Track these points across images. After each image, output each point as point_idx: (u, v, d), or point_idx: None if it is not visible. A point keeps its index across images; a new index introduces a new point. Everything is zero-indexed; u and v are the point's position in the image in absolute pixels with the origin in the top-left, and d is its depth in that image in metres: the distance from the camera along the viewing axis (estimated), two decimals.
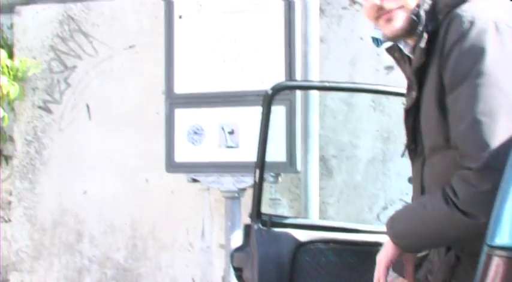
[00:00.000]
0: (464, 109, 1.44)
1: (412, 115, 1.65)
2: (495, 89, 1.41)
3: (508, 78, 1.41)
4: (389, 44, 1.72)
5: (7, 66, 3.61)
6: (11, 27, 3.95)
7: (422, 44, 1.55)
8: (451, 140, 1.48)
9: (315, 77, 3.00)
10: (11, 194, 3.92)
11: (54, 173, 3.80)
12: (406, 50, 1.67)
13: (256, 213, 2.19)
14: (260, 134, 2.22)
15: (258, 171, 2.21)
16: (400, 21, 1.60)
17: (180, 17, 3.14)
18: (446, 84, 1.49)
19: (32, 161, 3.84)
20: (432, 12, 1.56)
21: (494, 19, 1.45)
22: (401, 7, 1.59)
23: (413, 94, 1.62)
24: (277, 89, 2.24)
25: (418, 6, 1.57)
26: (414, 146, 1.66)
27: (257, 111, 2.33)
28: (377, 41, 1.73)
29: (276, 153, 2.83)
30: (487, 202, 1.33)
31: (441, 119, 1.51)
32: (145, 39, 3.61)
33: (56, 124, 3.81)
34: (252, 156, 2.24)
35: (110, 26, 3.71)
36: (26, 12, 3.84)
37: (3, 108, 3.65)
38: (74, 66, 3.76)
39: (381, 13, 1.62)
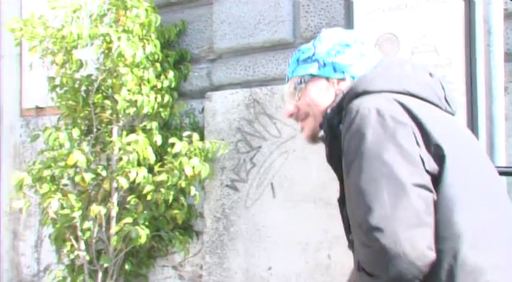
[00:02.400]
0: (353, 183, 1.61)
1: (343, 203, 1.83)
2: (376, 161, 1.58)
3: (388, 151, 1.58)
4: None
5: (199, 148, 3.84)
6: (202, 111, 4.24)
7: (326, 141, 1.84)
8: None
9: None
10: (201, 268, 4.12)
11: (240, 249, 3.94)
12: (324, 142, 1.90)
13: None
14: None
15: None
16: (308, 129, 1.96)
17: None
18: (344, 168, 1.69)
19: (220, 237, 4.02)
20: (338, 108, 1.80)
21: (376, 105, 1.65)
22: (307, 116, 1.94)
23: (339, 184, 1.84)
24: None
25: (327, 107, 1.86)
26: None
27: None
28: None
29: None
30: (382, 260, 1.48)
31: None
32: None
33: (242, 202, 3.97)
34: None
35: None
36: (216, 97, 4.08)
37: (195, 187, 3.88)
38: (259, 147, 3.91)
39: (296, 120, 1.98)
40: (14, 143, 4.97)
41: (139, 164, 3.88)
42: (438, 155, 1.61)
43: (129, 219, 3.85)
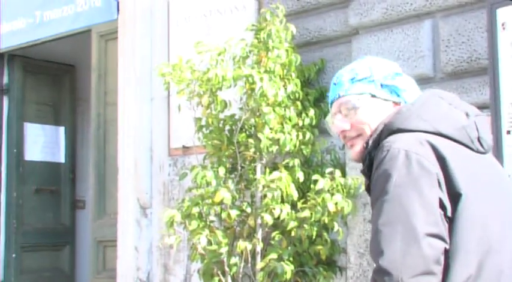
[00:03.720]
0: (373, 221, 1.72)
1: None
2: (396, 205, 1.67)
3: (408, 197, 1.66)
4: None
5: (341, 184, 3.88)
6: (342, 147, 4.29)
7: (363, 168, 1.90)
8: None
9: None
10: None
11: None
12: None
13: None
14: None
15: None
16: (358, 147, 1.93)
17: None
18: (370, 203, 1.80)
19: (364, 272, 4.02)
20: (378, 140, 1.84)
21: (405, 147, 1.72)
22: (360, 135, 1.93)
23: None
24: None
25: (371, 135, 1.89)
26: None
27: None
28: None
29: None
30: None
31: None
32: None
33: None
34: None
35: None
36: None
37: (337, 223, 3.91)
38: None
39: (345, 140, 1.98)
40: (163, 181, 5.22)
41: (282, 201, 3.97)
42: (455, 199, 1.70)
43: (274, 255, 3.93)
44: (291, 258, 3.97)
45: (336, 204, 3.81)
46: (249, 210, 4.11)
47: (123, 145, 5.37)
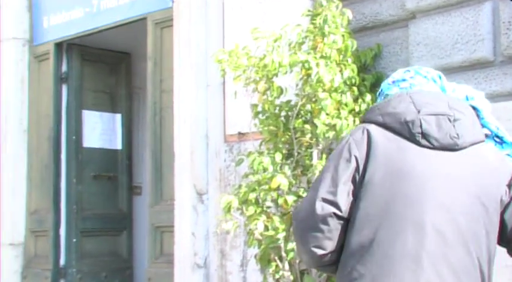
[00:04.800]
0: None
1: None
2: (322, 170, 2.12)
3: (329, 166, 2.08)
4: None
5: None
6: None
7: None
8: None
9: None
10: None
11: None
12: None
13: None
14: None
15: None
16: None
17: None
18: None
19: None
20: None
21: (351, 132, 2.12)
22: None
23: None
24: None
25: None
26: None
27: None
28: None
29: None
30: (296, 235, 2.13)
31: None
32: None
33: None
34: None
35: None
36: None
37: None
38: None
39: None
40: (219, 167, 5.25)
41: None
42: (365, 180, 2.02)
43: None
44: None
45: None
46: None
47: (179, 132, 5.42)
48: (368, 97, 4.23)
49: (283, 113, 4.27)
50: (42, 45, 7.04)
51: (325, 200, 2.02)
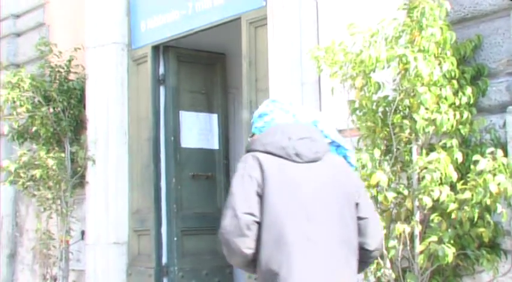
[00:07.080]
0: None
1: None
2: (231, 194, 2.69)
3: (237, 188, 2.69)
4: None
5: (503, 164, 3.73)
6: (503, 126, 4.12)
7: None
8: None
9: None
10: None
11: None
12: None
13: None
14: None
15: None
16: None
17: None
18: None
19: None
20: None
21: (245, 159, 2.79)
22: None
23: None
24: None
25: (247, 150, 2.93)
26: None
27: None
28: None
29: None
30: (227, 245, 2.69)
31: None
32: None
33: None
34: None
35: None
36: None
37: (500, 204, 3.76)
38: None
39: None
40: None
41: (441, 182, 3.88)
42: (264, 193, 2.67)
43: (434, 238, 3.85)
44: (452, 241, 3.88)
45: (499, 185, 3.67)
46: (405, 192, 4.06)
47: None
48: (468, 90, 4.12)
49: (380, 109, 4.22)
50: (140, 49, 7.23)
51: (245, 213, 2.63)
